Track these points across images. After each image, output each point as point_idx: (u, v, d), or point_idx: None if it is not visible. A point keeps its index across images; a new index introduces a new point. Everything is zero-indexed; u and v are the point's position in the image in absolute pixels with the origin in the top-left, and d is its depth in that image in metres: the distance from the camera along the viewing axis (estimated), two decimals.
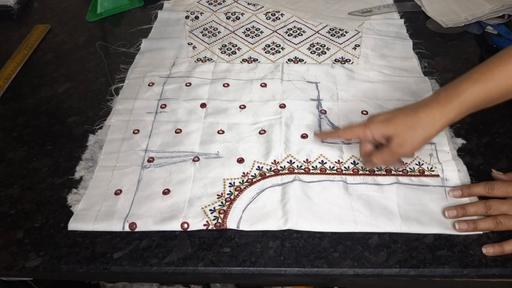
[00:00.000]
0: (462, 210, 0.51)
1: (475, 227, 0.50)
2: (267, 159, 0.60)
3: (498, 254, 0.49)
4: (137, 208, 0.55)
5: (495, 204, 0.51)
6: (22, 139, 0.66)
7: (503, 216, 0.50)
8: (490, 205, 0.51)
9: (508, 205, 0.50)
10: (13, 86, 0.76)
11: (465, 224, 0.50)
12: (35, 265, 0.50)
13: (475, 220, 0.51)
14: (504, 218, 0.50)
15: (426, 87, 0.70)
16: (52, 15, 0.96)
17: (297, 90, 0.71)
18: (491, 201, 0.51)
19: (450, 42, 0.81)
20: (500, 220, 0.50)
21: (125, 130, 0.66)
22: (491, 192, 0.52)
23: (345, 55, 0.79)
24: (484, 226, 0.50)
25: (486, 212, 0.51)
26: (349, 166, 0.59)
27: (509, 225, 0.50)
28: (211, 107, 0.69)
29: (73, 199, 0.56)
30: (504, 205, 0.50)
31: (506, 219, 0.50)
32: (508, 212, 0.50)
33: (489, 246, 0.49)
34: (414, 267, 0.48)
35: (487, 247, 0.49)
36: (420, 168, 0.58)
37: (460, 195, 0.54)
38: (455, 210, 0.52)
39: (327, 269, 0.49)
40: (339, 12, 0.91)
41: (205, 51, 0.82)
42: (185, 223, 0.53)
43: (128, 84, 0.74)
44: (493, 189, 0.52)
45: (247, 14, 0.92)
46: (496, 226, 0.50)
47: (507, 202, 0.51)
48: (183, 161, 0.61)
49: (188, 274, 0.50)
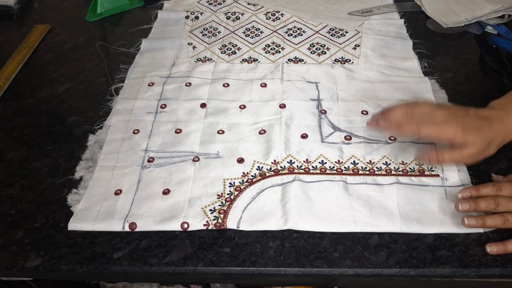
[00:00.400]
0: (474, 205, 0.51)
1: (483, 223, 0.50)
2: (267, 159, 0.60)
3: (502, 253, 0.49)
4: (137, 208, 0.55)
5: (503, 201, 0.50)
6: (22, 139, 0.66)
7: (510, 214, 0.50)
8: (499, 202, 0.50)
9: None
10: (13, 86, 0.76)
11: (474, 220, 0.50)
12: (35, 265, 0.50)
13: (484, 216, 0.50)
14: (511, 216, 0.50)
15: (426, 87, 0.70)
16: (52, 15, 0.96)
17: (297, 90, 0.71)
18: (500, 198, 0.50)
19: (450, 42, 0.81)
20: (508, 217, 0.50)
21: (125, 130, 0.66)
22: (499, 193, 0.51)
23: (345, 55, 0.79)
24: (492, 223, 0.50)
25: (495, 208, 0.50)
26: (349, 166, 0.59)
27: None
28: (211, 107, 0.69)
29: (73, 199, 0.56)
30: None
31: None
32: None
33: (493, 245, 0.49)
34: (414, 267, 0.48)
35: (491, 246, 0.49)
36: (420, 168, 0.58)
37: (469, 196, 0.52)
38: (468, 204, 0.50)
39: (327, 269, 0.49)
40: (339, 12, 0.91)
41: (205, 51, 0.82)
42: (185, 223, 0.53)
43: (128, 84, 0.74)
44: (501, 190, 0.51)
45: (247, 14, 0.92)
46: (503, 223, 0.49)
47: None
48: (183, 161, 0.61)
49: (188, 274, 0.50)
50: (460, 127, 0.51)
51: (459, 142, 0.52)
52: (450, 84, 0.71)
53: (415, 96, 0.69)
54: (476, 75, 0.74)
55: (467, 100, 0.68)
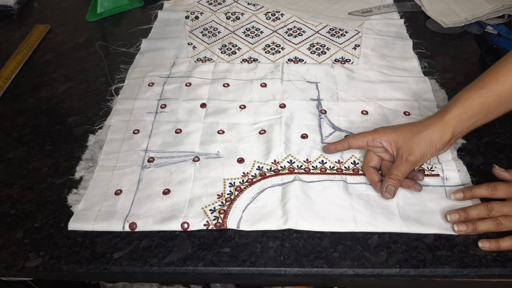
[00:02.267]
0: (464, 214, 0.51)
1: (474, 228, 0.50)
2: (267, 159, 0.60)
3: (494, 249, 0.49)
4: (137, 208, 0.55)
5: (496, 206, 0.50)
6: (22, 139, 0.66)
7: (503, 217, 0.50)
8: (492, 207, 0.50)
9: (510, 206, 0.50)
10: (13, 86, 0.76)
11: (464, 226, 0.50)
12: (35, 265, 0.50)
13: (474, 222, 0.50)
14: (505, 219, 0.50)
15: (426, 87, 0.70)
16: (52, 15, 0.96)
17: (297, 90, 0.71)
18: (492, 203, 0.50)
19: (450, 42, 0.81)
20: (501, 220, 0.49)
21: (125, 130, 0.66)
22: (494, 194, 0.51)
23: (345, 55, 0.79)
24: (483, 228, 0.50)
25: (488, 214, 0.50)
26: (349, 166, 0.59)
27: (510, 226, 0.49)
28: (211, 107, 0.69)
29: (73, 199, 0.56)
30: (506, 207, 0.50)
31: (507, 219, 0.49)
32: (510, 213, 0.50)
33: (485, 241, 0.49)
34: (414, 267, 0.48)
35: (483, 242, 0.49)
36: (420, 168, 0.58)
37: (462, 197, 0.53)
38: (457, 213, 0.51)
39: (327, 269, 0.49)
40: (339, 12, 0.91)
41: (205, 51, 0.82)
42: (185, 223, 0.53)
43: (128, 84, 0.74)
44: (495, 191, 0.51)
45: (247, 14, 0.92)
46: (496, 227, 0.49)
47: (508, 204, 0.50)
48: (183, 161, 0.61)
49: (188, 274, 0.50)
50: (376, 129, 0.56)
51: (374, 142, 0.55)
52: (450, 84, 0.71)
53: (415, 96, 0.69)
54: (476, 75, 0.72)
55: None
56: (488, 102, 0.52)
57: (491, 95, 0.52)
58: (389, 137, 0.55)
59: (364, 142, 0.56)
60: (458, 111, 0.52)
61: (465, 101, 0.53)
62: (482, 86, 0.53)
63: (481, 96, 0.52)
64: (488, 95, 0.52)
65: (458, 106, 0.53)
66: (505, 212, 0.50)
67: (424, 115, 0.65)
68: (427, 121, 0.54)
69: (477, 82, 0.54)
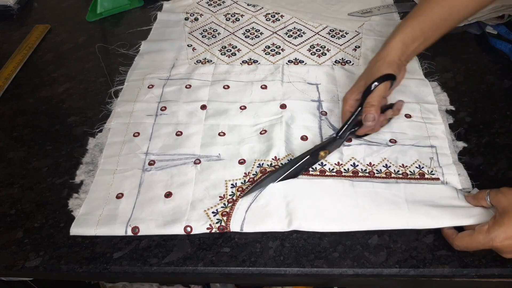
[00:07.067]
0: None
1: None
2: (268, 156, 0.60)
3: (448, 236, 0.49)
4: (139, 212, 0.54)
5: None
6: (22, 139, 0.66)
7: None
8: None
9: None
10: (13, 86, 0.76)
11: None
12: (35, 265, 0.50)
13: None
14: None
15: (426, 88, 0.70)
16: (52, 15, 0.96)
17: (298, 92, 0.71)
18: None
19: (450, 42, 0.81)
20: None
21: (125, 133, 0.65)
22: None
23: (345, 57, 0.79)
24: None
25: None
26: (349, 168, 0.59)
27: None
28: (211, 109, 0.69)
29: (74, 204, 0.56)
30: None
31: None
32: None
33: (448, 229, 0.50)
34: (414, 267, 0.48)
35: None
36: (420, 171, 0.58)
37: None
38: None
39: (327, 269, 0.49)
40: (339, 13, 0.91)
41: (204, 53, 0.82)
42: (188, 226, 0.52)
43: (128, 87, 0.74)
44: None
45: (246, 15, 0.92)
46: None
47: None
48: (184, 163, 0.60)
49: (188, 274, 0.50)
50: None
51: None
52: (450, 84, 0.71)
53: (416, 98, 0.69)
54: (476, 75, 0.74)
55: (467, 100, 0.68)
56: (425, 27, 0.59)
57: (428, 21, 0.59)
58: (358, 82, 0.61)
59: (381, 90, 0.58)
60: (402, 36, 0.59)
61: (407, 27, 0.59)
62: (419, 14, 0.60)
63: (419, 22, 0.60)
64: (425, 21, 0.59)
65: (402, 32, 0.59)
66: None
67: (426, 118, 0.65)
68: (379, 53, 0.60)
69: (415, 11, 0.61)
